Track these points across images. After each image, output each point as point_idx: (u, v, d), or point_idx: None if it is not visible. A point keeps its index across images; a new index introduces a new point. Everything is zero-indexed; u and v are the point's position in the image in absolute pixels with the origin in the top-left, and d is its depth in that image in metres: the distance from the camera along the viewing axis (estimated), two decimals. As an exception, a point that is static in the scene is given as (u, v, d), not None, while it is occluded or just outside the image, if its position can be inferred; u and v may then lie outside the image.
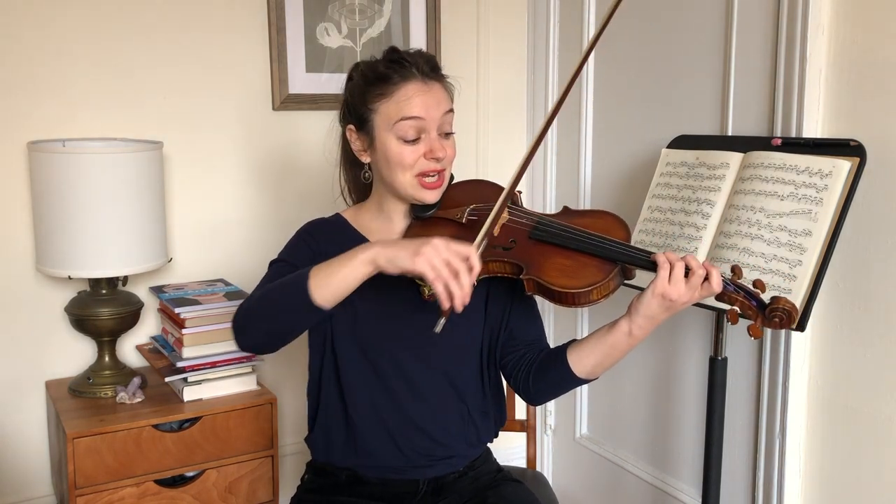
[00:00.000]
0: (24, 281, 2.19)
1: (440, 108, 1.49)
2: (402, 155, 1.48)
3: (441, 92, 1.51)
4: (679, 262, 1.35)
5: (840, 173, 1.57)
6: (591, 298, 1.40)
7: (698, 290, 1.35)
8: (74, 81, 2.18)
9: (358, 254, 1.32)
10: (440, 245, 1.27)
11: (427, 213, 1.55)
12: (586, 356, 1.47)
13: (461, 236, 1.43)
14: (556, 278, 1.40)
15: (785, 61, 1.82)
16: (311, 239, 1.57)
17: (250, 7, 2.36)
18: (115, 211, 1.95)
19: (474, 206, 1.54)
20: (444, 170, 1.52)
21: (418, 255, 1.26)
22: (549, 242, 1.46)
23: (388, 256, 1.30)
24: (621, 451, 2.49)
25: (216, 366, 2.10)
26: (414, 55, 1.50)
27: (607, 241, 1.43)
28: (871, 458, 1.76)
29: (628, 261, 1.41)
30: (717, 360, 1.77)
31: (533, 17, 2.72)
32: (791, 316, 1.34)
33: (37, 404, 2.24)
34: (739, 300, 1.37)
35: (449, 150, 1.51)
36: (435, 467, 1.58)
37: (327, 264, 1.34)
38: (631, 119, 2.35)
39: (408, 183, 1.49)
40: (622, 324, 1.42)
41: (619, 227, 1.50)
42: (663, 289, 1.34)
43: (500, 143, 2.72)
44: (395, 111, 1.47)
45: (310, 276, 1.33)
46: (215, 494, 2.07)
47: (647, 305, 1.37)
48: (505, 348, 1.60)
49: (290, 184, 2.49)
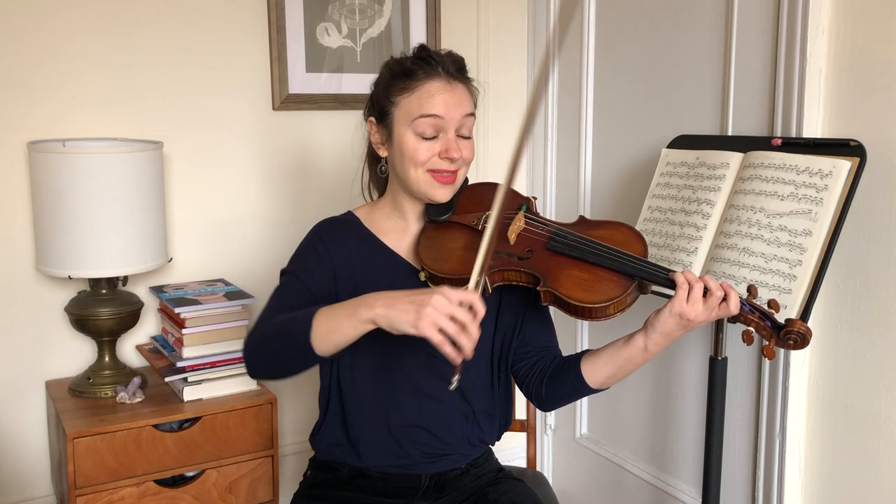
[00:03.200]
0: (24, 281, 2.19)
1: (461, 109, 1.48)
2: (416, 151, 1.47)
3: (464, 94, 1.50)
4: (698, 282, 1.36)
5: (840, 173, 1.57)
6: (608, 313, 1.40)
7: (715, 310, 1.36)
8: (74, 81, 2.18)
9: (360, 310, 1.28)
10: (442, 303, 1.22)
11: (442, 217, 1.53)
12: (601, 368, 1.48)
13: (475, 244, 1.43)
14: (573, 291, 1.40)
15: (785, 61, 1.82)
16: (321, 244, 1.55)
17: (250, 7, 2.36)
18: (115, 211, 1.95)
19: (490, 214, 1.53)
20: (458, 170, 1.51)
21: (420, 320, 1.22)
22: (566, 254, 1.44)
23: (390, 320, 1.25)
24: (621, 451, 2.49)
25: (216, 366, 2.10)
26: (442, 55, 1.50)
27: (626, 256, 1.43)
28: (871, 458, 1.76)
29: (647, 277, 1.41)
30: (717, 360, 1.77)
31: (533, 17, 2.72)
32: (805, 338, 1.36)
33: (37, 404, 2.24)
34: (755, 321, 1.38)
35: (465, 151, 1.49)
36: (437, 463, 1.58)
37: (330, 314, 1.31)
38: (631, 119, 2.35)
39: (420, 179, 1.49)
40: (638, 339, 1.43)
41: (636, 240, 1.49)
42: (681, 308, 1.35)
43: (500, 143, 2.72)
44: (416, 107, 1.47)
45: (313, 325, 1.31)
46: (215, 494, 2.07)
47: (664, 323, 1.38)
48: (517, 354, 1.60)
49: (290, 183, 2.49)
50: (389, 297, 1.28)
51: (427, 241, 1.51)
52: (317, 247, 1.55)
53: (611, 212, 2.44)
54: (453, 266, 1.46)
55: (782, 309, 1.54)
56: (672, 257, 1.77)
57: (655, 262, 1.51)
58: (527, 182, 2.78)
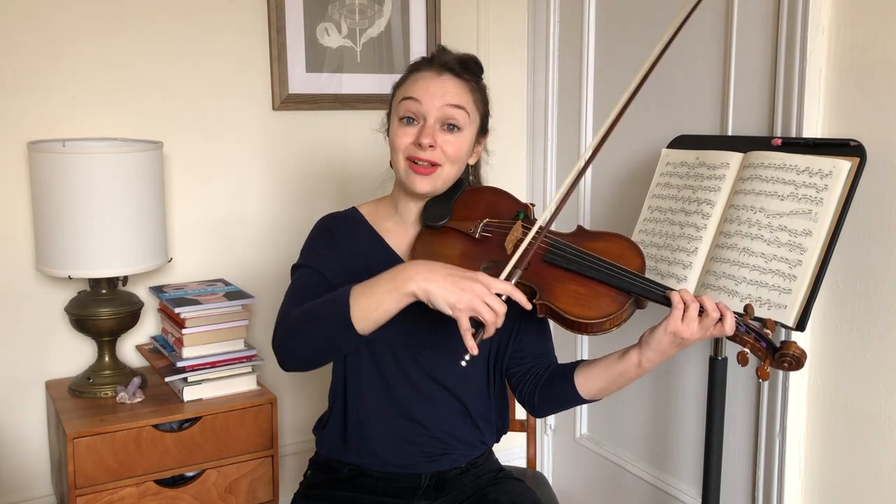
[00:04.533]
0: (24, 281, 2.19)
1: (444, 99, 1.47)
2: (395, 134, 1.49)
3: (454, 86, 1.49)
4: (693, 302, 1.36)
5: (840, 173, 1.57)
6: (604, 328, 1.40)
7: (710, 329, 1.36)
8: (74, 81, 2.18)
9: (401, 283, 1.29)
10: (483, 291, 1.25)
11: (438, 224, 1.51)
12: (593, 380, 1.49)
13: (472, 252, 1.44)
14: (570, 306, 1.39)
15: (785, 61, 1.82)
16: (327, 234, 1.56)
17: (250, 7, 2.36)
18: (115, 211, 1.95)
19: (487, 221, 1.51)
20: (440, 165, 1.48)
21: (460, 303, 1.25)
22: (563, 268, 1.44)
23: (429, 294, 1.27)
24: (621, 451, 2.49)
25: (216, 366, 2.10)
26: (452, 53, 1.52)
27: (624, 272, 1.42)
28: (871, 458, 1.76)
29: (644, 294, 1.41)
30: (717, 360, 1.76)
31: (533, 17, 2.72)
32: (800, 361, 1.36)
33: (37, 404, 2.24)
34: (750, 342, 1.39)
35: (446, 145, 1.48)
36: (437, 462, 1.58)
37: (369, 291, 1.30)
38: (631, 119, 2.34)
39: (401, 167, 1.50)
40: (632, 355, 1.43)
41: (633, 254, 1.48)
42: (675, 327, 1.36)
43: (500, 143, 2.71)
44: (401, 93, 1.50)
45: (350, 304, 1.30)
46: (215, 494, 2.07)
47: (659, 341, 1.39)
48: (512, 359, 1.60)
49: (290, 183, 2.49)
50: (428, 269, 1.29)
51: (423, 248, 1.50)
52: (325, 237, 1.55)
53: (611, 212, 2.44)
54: None
55: (782, 309, 1.54)
56: (672, 257, 1.77)
57: (655, 264, 1.50)
58: (527, 182, 2.78)
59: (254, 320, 2.37)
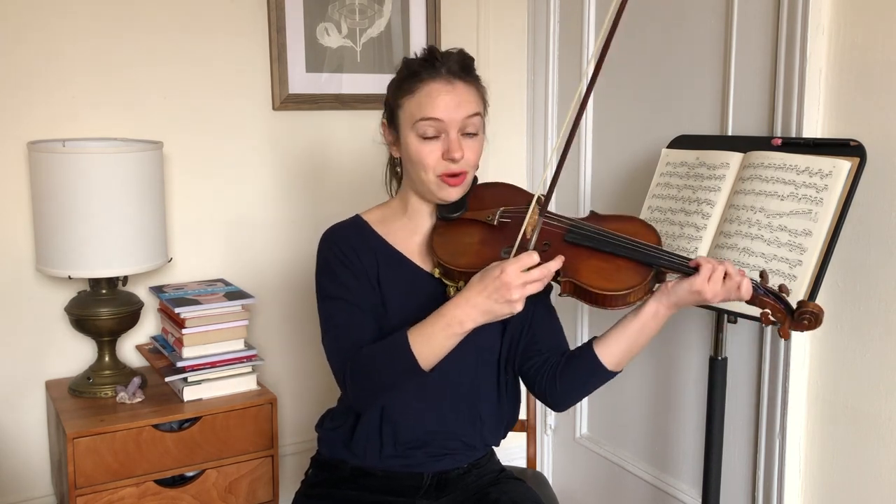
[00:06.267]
0: (24, 281, 2.19)
1: (462, 110, 1.47)
2: (420, 154, 1.48)
3: (467, 93, 1.49)
4: (720, 266, 1.41)
5: (840, 173, 1.57)
6: (628, 301, 1.43)
7: (732, 292, 1.41)
8: (74, 81, 2.18)
9: (456, 329, 1.39)
10: (516, 281, 1.34)
11: (454, 215, 1.54)
12: (615, 344, 1.50)
13: (491, 238, 1.46)
14: (593, 280, 1.42)
15: (785, 61, 1.82)
16: (336, 248, 1.54)
17: (250, 7, 2.36)
18: (115, 211, 1.95)
19: (505, 209, 1.53)
20: (466, 171, 1.50)
21: (515, 304, 1.35)
22: (585, 245, 1.46)
23: (488, 321, 1.39)
24: (621, 451, 2.49)
25: (216, 366, 2.10)
26: (447, 54, 1.50)
27: (644, 245, 1.45)
28: (871, 458, 1.76)
29: (668, 266, 1.43)
30: (717, 360, 1.77)
31: (533, 17, 2.72)
32: (818, 318, 1.40)
33: (37, 404, 2.24)
34: (770, 303, 1.42)
35: (468, 151, 1.49)
36: (439, 462, 1.58)
37: (427, 340, 1.41)
38: (631, 119, 2.35)
39: (431, 182, 1.49)
40: (649, 305, 1.46)
41: (648, 231, 1.53)
42: (701, 286, 1.40)
43: (501, 143, 2.72)
44: (416, 110, 1.48)
45: (414, 353, 1.41)
46: (215, 494, 2.07)
47: (679, 294, 1.43)
48: (526, 353, 1.60)
49: (290, 183, 2.49)
50: (468, 303, 1.38)
51: (441, 238, 1.52)
52: (339, 256, 1.53)
53: (611, 211, 2.44)
54: (471, 260, 1.47)
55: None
56: (672, 257, 1.77)
57: None
58: (527, 182, 2.78)
59: (254, 320, 2.37)
